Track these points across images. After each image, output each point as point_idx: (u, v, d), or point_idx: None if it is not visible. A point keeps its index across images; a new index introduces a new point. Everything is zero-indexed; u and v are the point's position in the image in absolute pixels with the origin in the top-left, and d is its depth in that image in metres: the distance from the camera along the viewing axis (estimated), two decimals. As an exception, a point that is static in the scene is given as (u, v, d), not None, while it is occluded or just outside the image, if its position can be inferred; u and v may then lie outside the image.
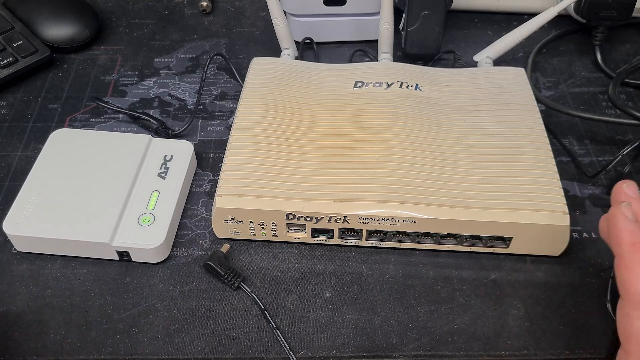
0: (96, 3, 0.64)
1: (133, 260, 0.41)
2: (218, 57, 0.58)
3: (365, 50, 0.58)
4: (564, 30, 0.60)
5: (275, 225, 0.41)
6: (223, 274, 0.40)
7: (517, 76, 0.49)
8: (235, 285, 0.40)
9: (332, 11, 0.56)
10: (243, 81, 0.50)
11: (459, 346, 0.37)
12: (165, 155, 0.46)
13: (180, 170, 0.45)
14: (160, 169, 0.45)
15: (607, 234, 0.31)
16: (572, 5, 0.56)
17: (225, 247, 0.42)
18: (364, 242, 0.42)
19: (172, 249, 0.43)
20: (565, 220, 0.39)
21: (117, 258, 0.41)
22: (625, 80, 0.54)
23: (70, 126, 0.52)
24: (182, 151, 0.46)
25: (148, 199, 0.43)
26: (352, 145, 0.43)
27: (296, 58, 0.54)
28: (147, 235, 0.41)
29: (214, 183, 0.47)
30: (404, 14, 0.55)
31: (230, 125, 0.49)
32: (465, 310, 0.39)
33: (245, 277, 0.41)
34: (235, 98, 0.54)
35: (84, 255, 0.42)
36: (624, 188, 0.33)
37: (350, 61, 0.57)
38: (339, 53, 0.59)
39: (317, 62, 0.56)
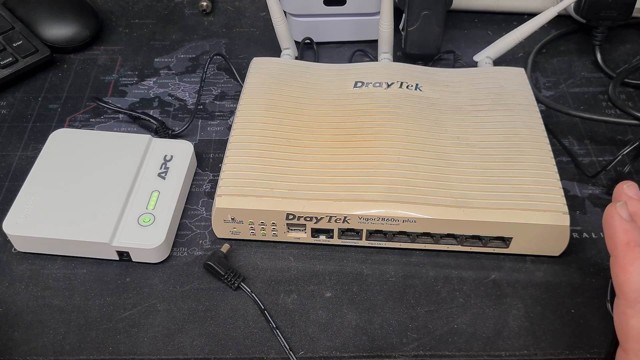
0: (96, 3, 0.64)
1: (133, 260, 0.41)
2: (218, 57, 0.58)
3: (365, 50, 0.58)
4: (564, 30, 0.60)
5: (275, 225, 0.41)
6: (223, 274, 0.40)
7: (517, 76, 0.49)
8: (235, 285, 0.40)
9: (332, 11, 0.56)
10: (243, 81, 0.50)
11: (459, 346, 0.37)
12: (165, 155, 0.46)
13: (180, 170, 0.45)
14: (160, 169, 0.45)
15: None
16: (572, 5, 0.56)
17: (225, 247, 0.42)
18: (364, 242, 0.42)
19: (172, 249, 0.43)
20: (565, 220, 0.39)
21: (117, 258, 0.41)
22: (625, 80, 0.54)
23: (70, 126, 0.52)
24: (182, 151, 0.46)
25: (148, 199, 0.43)
26: (352, 145, 0.43)
27: (296, 58, 0.54)
28: (147, 235, 0.41)
29: (214, 183, 0.47)
30: (404, 14, 0.55)
31: (230, 125, 0.49)
32: (465, 310, 0.39)
33: (245, 277, 0.41)
34: (235, 98, 0.54)
35: (84, 255, 0.42)
36: (625, 189, 0.33)
37: (350, 61, 0.57)
38: (339, 53, 0.59)
39: (317, 62, 0.56)
